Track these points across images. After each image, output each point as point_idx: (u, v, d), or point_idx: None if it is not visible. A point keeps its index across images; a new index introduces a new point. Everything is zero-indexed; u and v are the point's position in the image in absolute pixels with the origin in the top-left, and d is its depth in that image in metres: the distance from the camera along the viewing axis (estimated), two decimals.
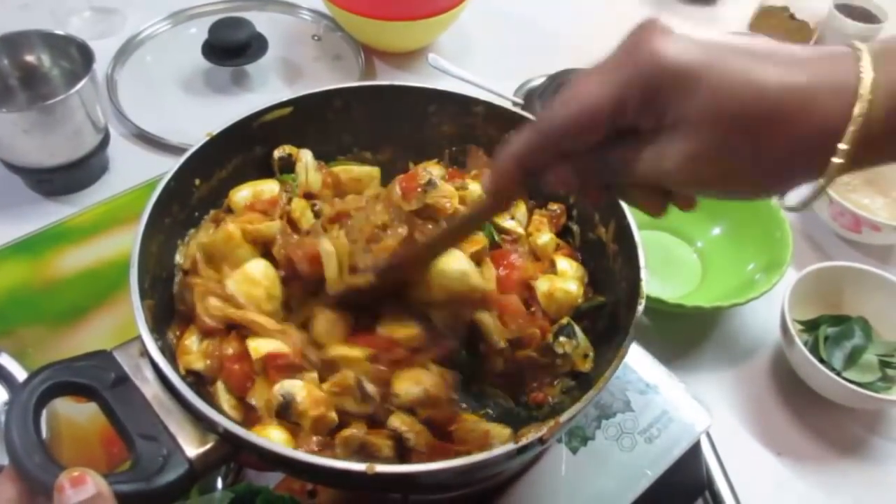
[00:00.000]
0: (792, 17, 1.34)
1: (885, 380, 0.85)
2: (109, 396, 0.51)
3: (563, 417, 0.52)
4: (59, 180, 0.98)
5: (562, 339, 0.62)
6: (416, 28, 1.19)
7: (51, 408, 0.73)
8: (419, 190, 0.65)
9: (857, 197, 1.10)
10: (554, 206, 0.74)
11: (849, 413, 0.87)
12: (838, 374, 0.84)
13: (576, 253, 0.72)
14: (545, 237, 0.70)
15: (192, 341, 0.60)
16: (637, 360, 0.74)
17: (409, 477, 0.51)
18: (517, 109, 0.74)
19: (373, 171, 0.75)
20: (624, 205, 0.65)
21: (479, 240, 0.66)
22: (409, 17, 1.16)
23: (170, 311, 0.63)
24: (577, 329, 0.64)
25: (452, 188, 0.68)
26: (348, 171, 0.74)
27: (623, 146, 0.44)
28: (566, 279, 0.66)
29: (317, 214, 0.68)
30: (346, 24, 1.23)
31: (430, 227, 0.63)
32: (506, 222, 0.71)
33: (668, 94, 0.40)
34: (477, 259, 0.65)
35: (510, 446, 0.51)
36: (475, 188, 0.70)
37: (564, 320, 0.64)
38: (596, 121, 0.43)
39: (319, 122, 0.75)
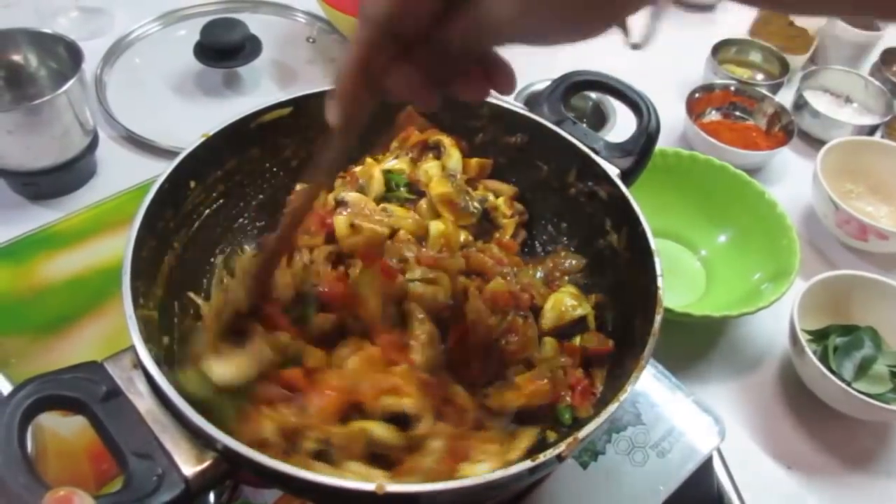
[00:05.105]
0: (791, 23, 1.33)
1: None
2: (100, 411, 0.48)
3: (582, 433, 0.49)
4: (46, 183, 0.95)
5: None
6: None
7: (35, 420, 0.70)
8: None
9: (861, 204, 1.09)
10: None
11: (859, 425, 0.85)
12: (848, 384, 0.82)
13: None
14: None
15: None
16: (646, 370, 0.72)
17: (419, 497, 0.48)
18: (523, 110, 0.72)
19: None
20: (638, 210, 0.63)
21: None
22: None
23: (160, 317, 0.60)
24: None
25: None
26: None
27: (457, 14, 0.42)
28: None
29: None
30: (341, 27, 1.20)
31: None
32: None
33: None
34: None
35: (525, 465, 0.48)
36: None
37: None
38: None
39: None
